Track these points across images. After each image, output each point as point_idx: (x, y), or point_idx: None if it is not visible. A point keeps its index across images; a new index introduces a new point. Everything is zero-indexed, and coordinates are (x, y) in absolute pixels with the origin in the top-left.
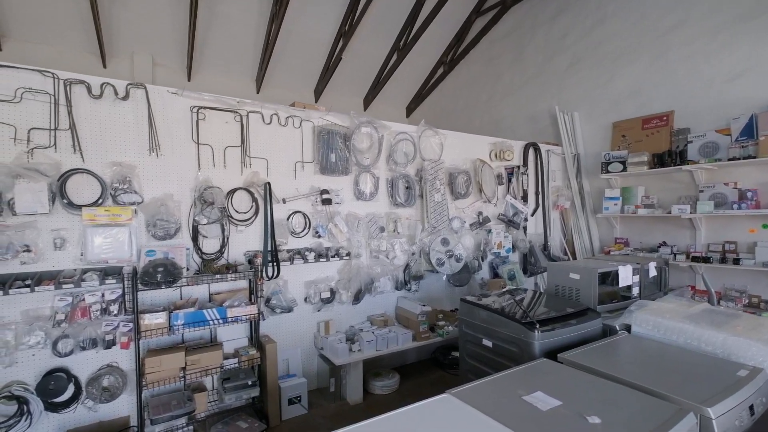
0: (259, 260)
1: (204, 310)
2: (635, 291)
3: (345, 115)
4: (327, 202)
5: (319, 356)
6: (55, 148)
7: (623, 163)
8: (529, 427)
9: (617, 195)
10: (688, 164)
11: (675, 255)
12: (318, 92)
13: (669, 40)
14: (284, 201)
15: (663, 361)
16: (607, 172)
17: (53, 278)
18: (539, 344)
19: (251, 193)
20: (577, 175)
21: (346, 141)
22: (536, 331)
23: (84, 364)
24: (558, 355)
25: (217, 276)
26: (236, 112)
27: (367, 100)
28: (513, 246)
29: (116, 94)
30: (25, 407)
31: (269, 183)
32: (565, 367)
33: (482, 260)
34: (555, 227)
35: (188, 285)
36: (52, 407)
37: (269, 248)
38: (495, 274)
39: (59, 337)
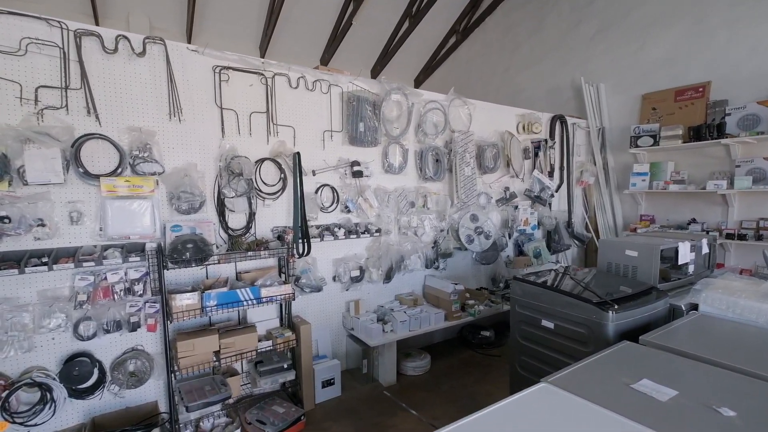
0: (289, 236)
1: (237, 290)
2: (691, 269)
3: (374, 80)
4: (358, 174)
5: (348, 337)
6: (67, 109)
7: (654, 137)
8: (660, 422)
9: (646, 170)
10: (726, 137)
11: (707, 232)
12: (324, 62)
13: (709, 5)
14: (314, 173)
15: (756, 343)
16: (636, 146)
17: (71, 255)
18: (613, 326)
19: (278, 164)
20: (601, 150)
21: (375, 109)
22: (611, 312)
23: (108, 348)
24: (640, 337)
25: (250, 253)
26: (261, 74)
27: (375, 71)
28: (538, 223)
29: (132, 49)
30: (48, 394)
31: (299, 153)
32: (655, 350)
33: (508, 237)
34: (577, 204)
35: (219, 263)
36: (77, 394)
37: (299, 224)
38: (520, 252)
39: (80, 320)
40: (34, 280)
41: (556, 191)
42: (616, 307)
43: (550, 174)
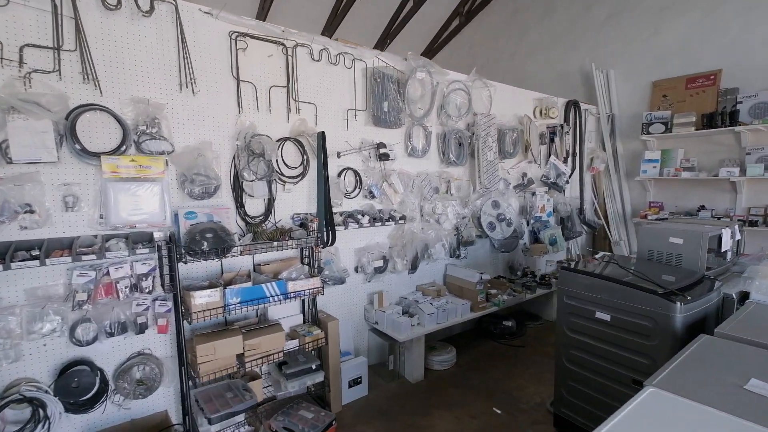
0: (314, 224)
1: (263, 285)
2: (729, 256)
3: (398, 57)
4: (384, 157)
5: (370, 331)
6: (59, 74)
7: (666, 124)
8: None
9: (657, 157)
10: (739, 125)
11: (719, 218)
12: None
13: None
14: (339, 155)
15: None
16: (648, 133)
17: (66, 247)
18: (682, 318)
19: (300, 145)
20: (611, 137)
21: (400, 88)
22: (679, 304)
23: (110, 354)
24: (716, 330)
25: (275, 243)
26: (282, 44)
27: None
28: (553, 209)
29: (138, 6)
30: (40, 411)
31: (324, 133)
32: (740, 345)
33: (526, 225)
34: (587, 190)
35: (241, 254)
36: (74, 408)
37: (324, 211)
38: (535, 239)
39: (78, 322)
40: (20, 277)
41: (569, 178)
42: (688, 298)
43: (565, 160)
